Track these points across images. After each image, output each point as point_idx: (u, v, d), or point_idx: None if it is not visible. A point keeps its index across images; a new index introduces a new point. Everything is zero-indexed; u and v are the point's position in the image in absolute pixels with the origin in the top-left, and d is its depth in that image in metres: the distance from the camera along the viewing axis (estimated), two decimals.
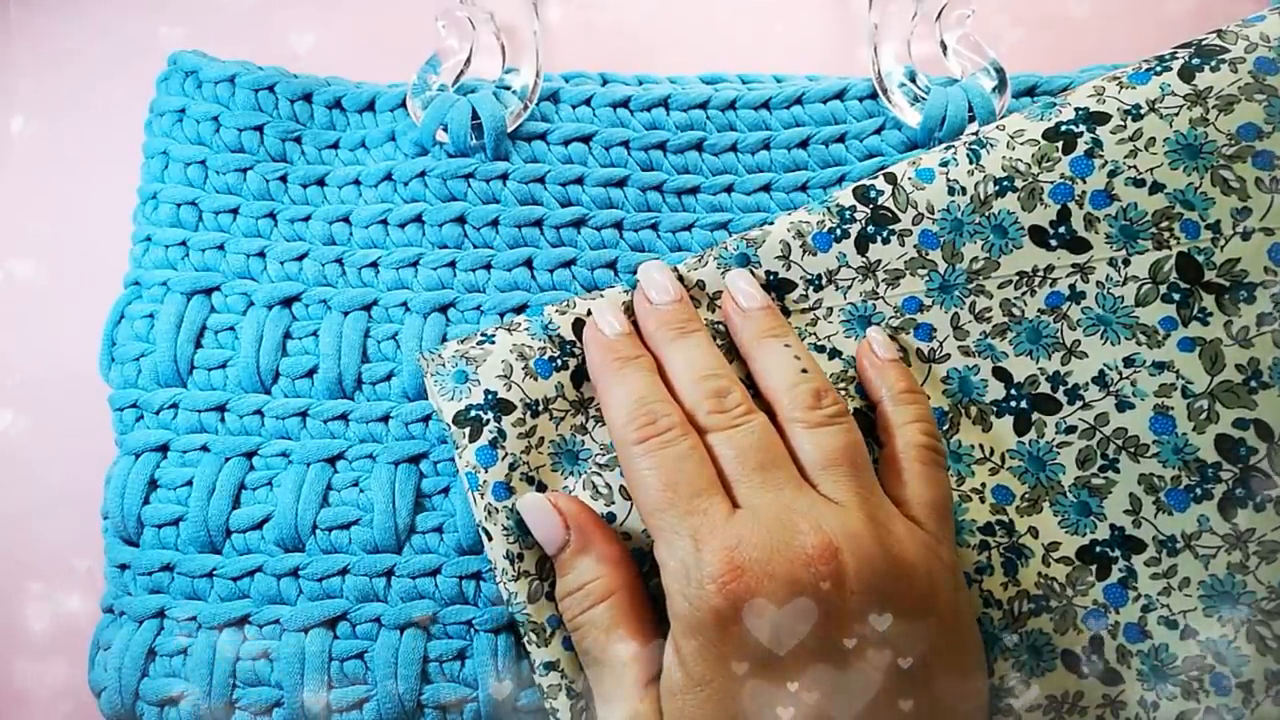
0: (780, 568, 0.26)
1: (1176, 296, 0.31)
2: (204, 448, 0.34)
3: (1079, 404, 0.32)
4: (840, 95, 0.37)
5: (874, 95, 0.37)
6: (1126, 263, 0.31)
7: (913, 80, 0.37)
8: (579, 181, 0.36)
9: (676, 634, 0.27)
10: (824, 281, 0.33)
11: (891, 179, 0.33)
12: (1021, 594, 0.31)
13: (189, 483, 0.33)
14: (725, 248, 0.34)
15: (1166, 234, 0.31)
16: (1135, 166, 0.31)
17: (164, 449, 0.34)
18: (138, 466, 0.34)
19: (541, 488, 0.32)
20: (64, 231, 0.41)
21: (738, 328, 0.33)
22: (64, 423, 0.39)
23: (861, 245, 0.33)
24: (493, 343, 0.33)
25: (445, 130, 0.36)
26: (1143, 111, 0.32)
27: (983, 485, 0.32)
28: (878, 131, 0.36)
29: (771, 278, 0.33)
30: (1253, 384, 0.30)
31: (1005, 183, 0.32)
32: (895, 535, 0.28)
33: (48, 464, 0.38)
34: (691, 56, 0.40)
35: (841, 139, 0.37)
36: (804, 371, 0.31)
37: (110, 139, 0.40)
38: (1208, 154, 0.31)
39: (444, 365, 0.32)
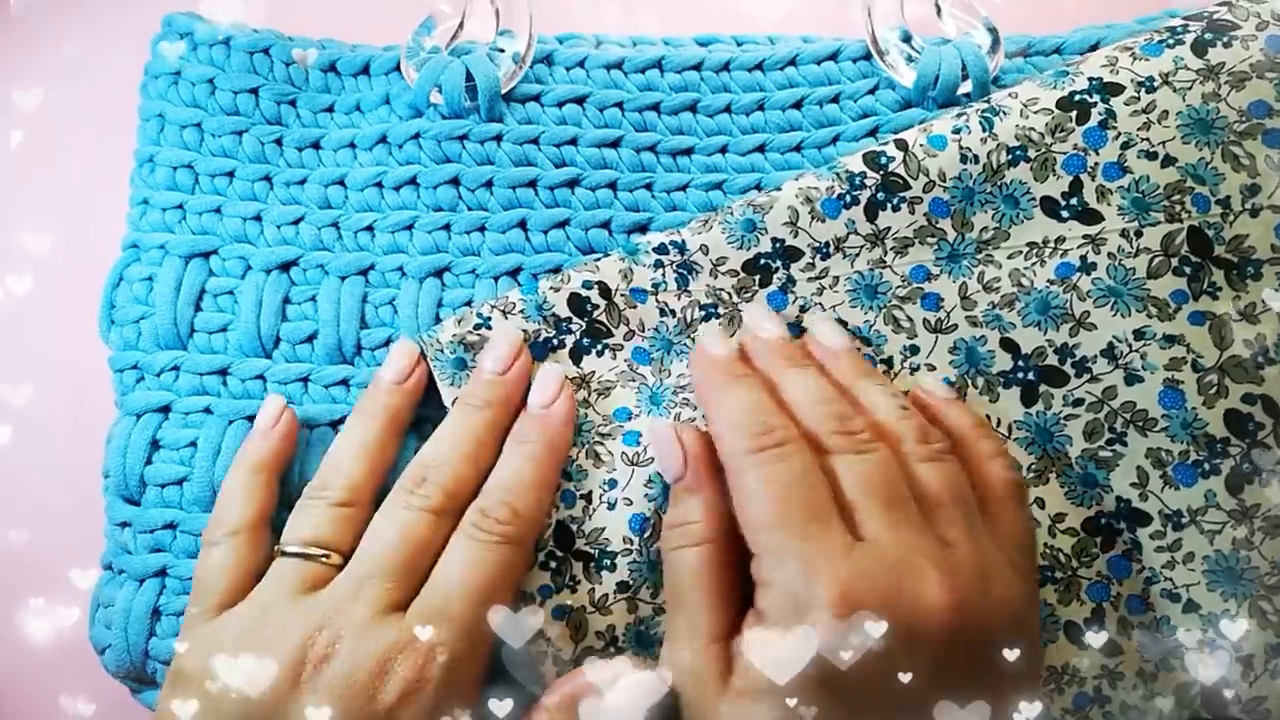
0: (901, 614, 0.26)
1: (1188, 270, 0.30)
2: (207, 410, 0.34)
3: (1086, 377, 0.31)
4: (834, 56, 0.36)
5: (868, 56, 0.36)
6: (1139, 234, 0.31)
7: (907, 41, 0.36)
8: (573, 142, 0.35)
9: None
10: (831, 249, 0.33)
11: (903, 145, 0.32)
12: None
13: (192, 444, 0.33)
14: (731, 212, 0.33)
15: (1178, 207, 0.31)
16: (1148, 139, 0.31)
17: (165, 410, 0.34)
18: (139, 427, 0.34)
19: None
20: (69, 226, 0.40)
21: (829, 368, 0.32)
22: (71, 403, 0.38)
23: (871, 212, 0.32)
24: (489, 328, 0.32)
25: (439, 92, 0.35)
26: (1156, 84, 0.31)
27: None
28: (872, 91, 0.36)
29: (778, 245, 0.33)
30: (1260, 359, 0.30)
31: (1018, 152, 0.32)
32: (1003, 579, 0.28)
33: (52, 447, 0.38)
34: (685, 19, 0.39)
35: (836, 99, 0.36)
36: (904, 408, 0.30)
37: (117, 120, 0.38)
38: (1219, 129, 0.31)
39: (443, 351, 0.32)
